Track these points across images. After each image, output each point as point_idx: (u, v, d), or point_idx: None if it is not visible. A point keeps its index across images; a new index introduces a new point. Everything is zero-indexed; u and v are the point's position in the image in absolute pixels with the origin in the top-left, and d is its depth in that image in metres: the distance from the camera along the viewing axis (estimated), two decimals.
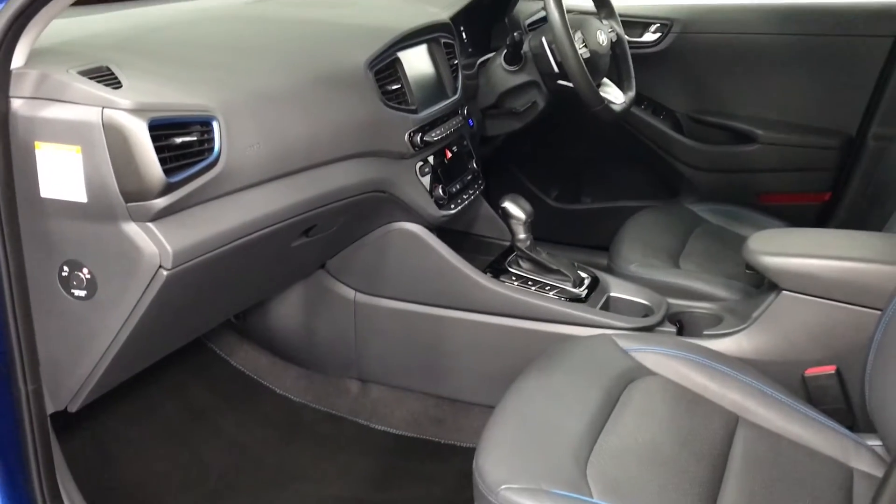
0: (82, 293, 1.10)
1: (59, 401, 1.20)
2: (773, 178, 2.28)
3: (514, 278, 1.72)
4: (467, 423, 1.77)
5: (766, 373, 1.30)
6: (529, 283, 1.71)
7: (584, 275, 1.74)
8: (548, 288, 1.69)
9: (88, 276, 1.09)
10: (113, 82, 1.03)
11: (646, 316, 1.64)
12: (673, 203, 2.31)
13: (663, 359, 1.28)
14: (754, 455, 1.12)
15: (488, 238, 1.99)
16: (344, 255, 1.72)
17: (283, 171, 1.25)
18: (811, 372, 1.41)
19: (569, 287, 1.68)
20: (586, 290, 1.69)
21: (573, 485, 1.00)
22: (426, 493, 1.65)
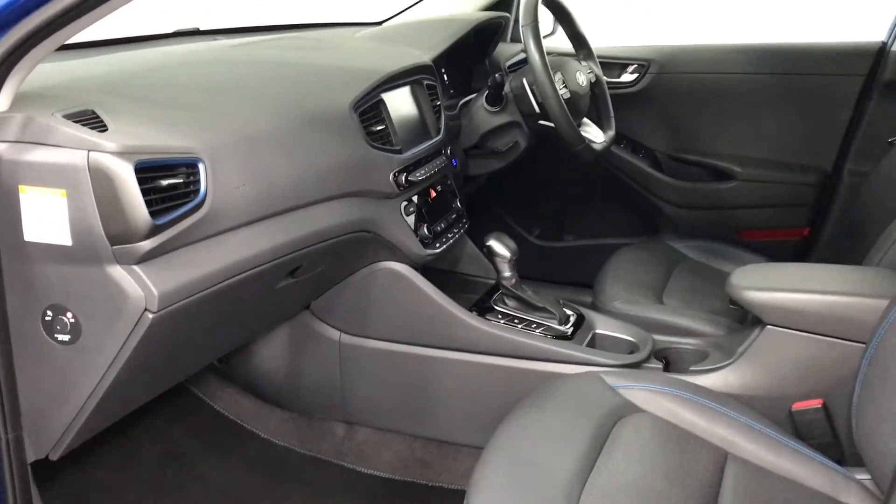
0: (66, 337, 1.09)
1: (41, 449, 1.18)
2: (752, 214, 2.31)
3: (500, 316, 1.72)
4: (455, 465, 1.75)
5: (753, 408, 1.30)
6: (516, 321, 1.71)
7: (569, 312, 1.74)
8: (534, 326, 1.69)
9: (72, 319, 1.08)
10: (98, 125, 1.03)
11: (632, 353, 1.64)
12: (654, 240, 2.33)
13: (651, 395, 1.28)
14: (745, 492, 1.11)
15: (473, 276, 1.99)
16: (329, 295, 1.71)
17: (269, 212, 1.25)
18: (798, 406, 1.41)
19: (555, 325, 1.69)
20: (572, 328, 1.69)
21: None
22: None
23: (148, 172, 1.02)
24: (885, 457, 1.04)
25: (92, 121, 1.03)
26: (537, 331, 1.67)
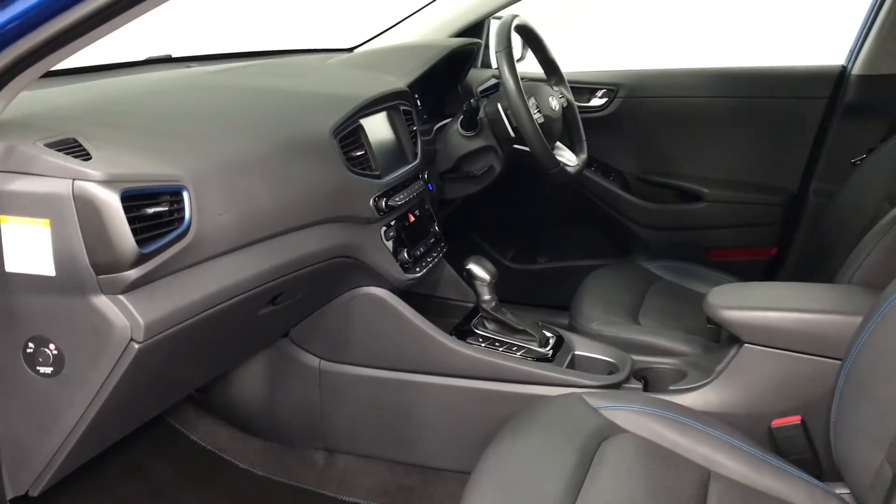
0: (48, 370, 1.07)
1: (20, 485, 1.15)
2: (721, 234, 2.36)
3: (480, 340, 1.72)
4: (437, 491, 1.74)
5: (733, 425, 1.32)
6: (496, 343, 1.71)
7: (549, 334, 1.75)
8: (515, 348, 1.69)
9: (55, 351, 1.06)
10: (82, 154, 1.02)
11: (611, 373, 1.66)
12: (626, 261, 2.36)
13: (633, 415, 1.29)
14: None
15: (452, 300, 2.00)
16: (308, 322, 1.70)
17: (252, 239, 1.24)
18: (777, 423, 1.43)
19: (535, 347, 1.69)
20: (552, 350, 1.70)
21: None
22: None
23: (133, 201, 1.01)
24: (864, 471, 1.06)
25: (75, 149, 1.02)
26: (518, 353, 1.68)
